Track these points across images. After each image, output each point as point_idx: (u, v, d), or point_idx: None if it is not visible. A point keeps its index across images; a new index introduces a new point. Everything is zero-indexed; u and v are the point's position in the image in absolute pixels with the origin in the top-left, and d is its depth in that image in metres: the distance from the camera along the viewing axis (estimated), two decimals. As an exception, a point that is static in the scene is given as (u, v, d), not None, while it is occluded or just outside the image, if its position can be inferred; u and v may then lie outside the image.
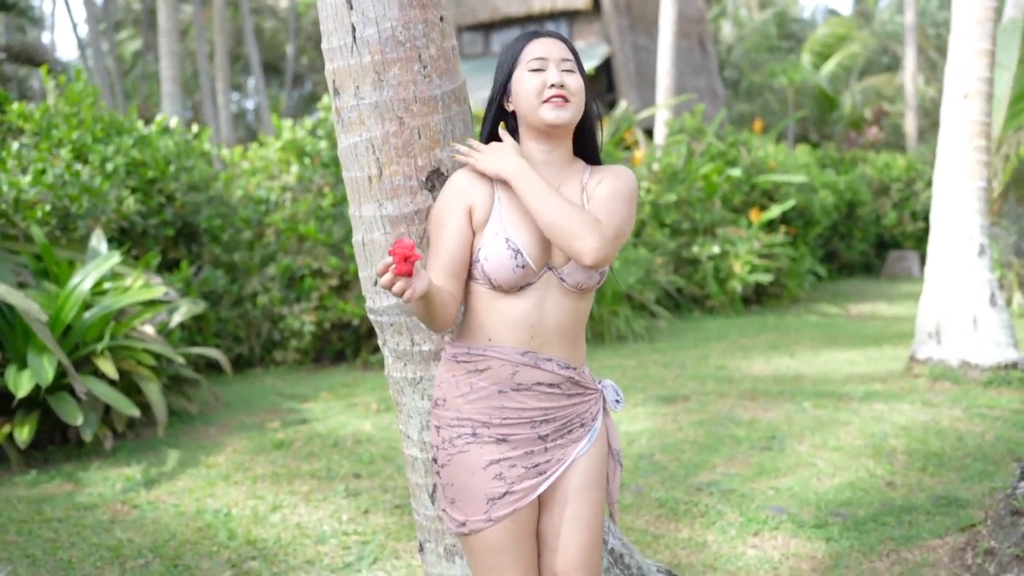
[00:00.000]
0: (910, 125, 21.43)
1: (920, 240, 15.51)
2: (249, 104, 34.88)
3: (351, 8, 1.99)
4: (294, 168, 8.21)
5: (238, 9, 25.43)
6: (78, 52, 28.34)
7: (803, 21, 33.62)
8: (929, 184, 15.40)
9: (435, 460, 2.05)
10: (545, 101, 1.95)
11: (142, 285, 5.57)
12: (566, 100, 1.96)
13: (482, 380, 1.97)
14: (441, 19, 2.05)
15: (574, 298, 2.00)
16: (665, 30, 13.45)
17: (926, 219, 15.16)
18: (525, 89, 1.97)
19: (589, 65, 16.18)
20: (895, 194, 16.05)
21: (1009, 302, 10.17)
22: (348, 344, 7.87)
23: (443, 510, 2.06)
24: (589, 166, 2.09)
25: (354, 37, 2.00)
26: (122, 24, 30.80)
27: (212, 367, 7.27)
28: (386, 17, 1.99)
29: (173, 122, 8.27)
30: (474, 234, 1.97)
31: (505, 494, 1.98)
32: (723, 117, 12.62)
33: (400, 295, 1.73)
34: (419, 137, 2.04)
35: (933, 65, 24.61)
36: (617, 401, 2.12)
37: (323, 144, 8.15)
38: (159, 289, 5.46)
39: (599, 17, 19.24)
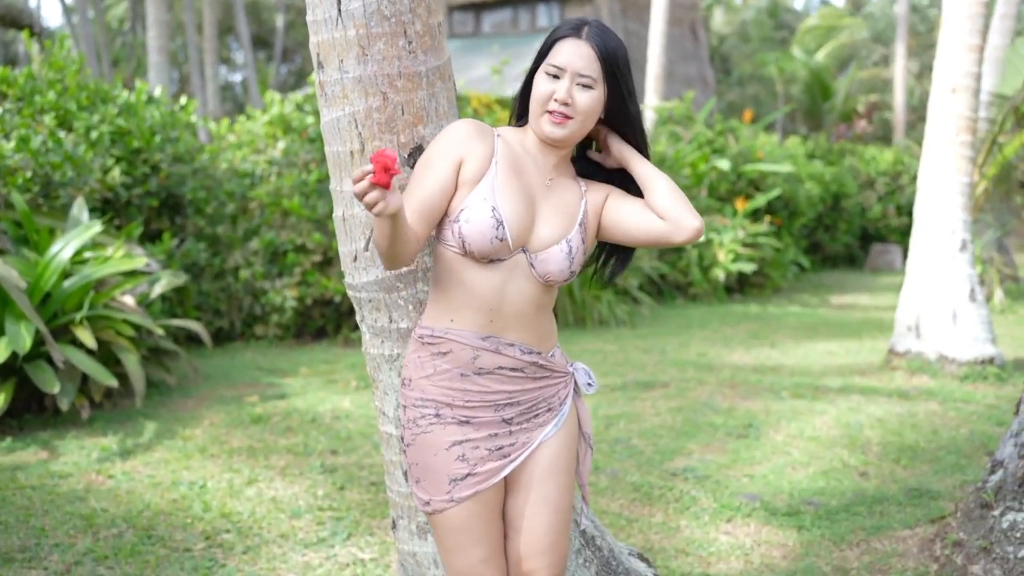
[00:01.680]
0: (898, 119, 21.51)
1: (904, 234, 15.60)
2: (237, 77, 34.55)
3: (337, -20, 1.98)
4: (280, 143, 8.15)
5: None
6: (63, 18, 27.99)
7: (796, 12, 33.59)
8: (915, 178, 15.47)
9: (402, 439, 2.05)
10: (548, 112, 1.94)
11: (123, 255, 5.52)
12: (567, 118, 1.93)
13: (445, 362, 1.96)
14: (428, -6, 2.03)
15: (538, 288, 1.98)
16: (657, 16, 13.41)
17: (911, 213, 15.20)
18: (536, 92, 1.95)
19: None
20: (881, 187, 16.12)
21: (990, 298, 10.25)
22: (329, 321, 7.85)
23: (411, 488, 2.06)
24: (581, 178, 2.09)
25: (339, 10, 1.98)
26: (110, -9, 30.39)
27: (192, 340, 7.24)
28: (372, -10, 1.97)
29: (157, 91, 8.18)
30: (456, 189, 1.94)
31: (467, 475, 1.97)
32: (712, 105, 12.60)
33: (371, 206, 1.65)
34: (402, 113, 2.03)
35: (923, 60, 24.68)
36: (589, 384, 2.11)
37: (310, 119, 8.09)
38: (140, 260, 5.42)
39: (591, 1, 19.16)
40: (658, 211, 1.98)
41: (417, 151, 2.05)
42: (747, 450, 4.64)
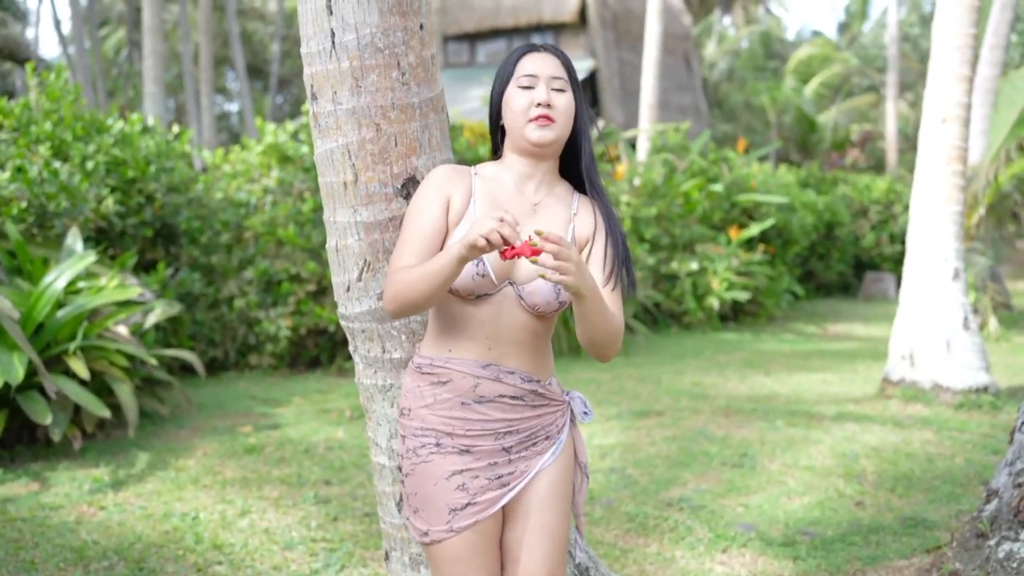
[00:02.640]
0: (890, 148, 21.67)
1: (897, 262, 15.65)
2: (233, 107, 34.73)
3: (331, 13, 1.99)
4: (275, 172, 8.18)
5: (224, 11, 25.35)
6: (60, 49, 28.16)
7: (787, 42, 33.93)
8: (907, 207, 15.55)
9: (400, 469, 2.05)
10: (531, 120, 1.95)
11: (117, 285, 5.52)
12: (551, 120, 1.95)
13: (445, 392, 1.97)
14: (421, 27, 2.05)
15: (533, 316, 1.98)
16: (650, 46, 13.54)
17: (904, 241, 15.30)
18: (513, 107, 1.97)
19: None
20: (874, 216, 16.20)
21: (983, 326, 10.28)
22: (324, 350, 7.83)
23: (407, 519, 2.05)
24: (576, 191, 2.09)
25: (333, 42, 2.00)
26: (107, 22, 30.62)
27: (185, 369, 7.21)
28: (366, 23, 1.99)
29: (151, 121, 8.22)
30: (448, 229, 1.96)
31: (467, 505, 1.97)
32: (708, 135, 12.69)
33: (482, 248, 1.72)
34: (395, 144, 2.04)
35: (916, 90, 24.90)
36: (585, 413, 2.11)
37: (305, 149, 8.13)
38: (134, 290, 5.41)
39: (585, 31, 19.34)
40: (581, 339, 1.95)
41: (410, 182, 2.06)
42: (742, 479, 4.62)
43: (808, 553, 3.66)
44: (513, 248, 1.69)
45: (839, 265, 15.60)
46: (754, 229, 11.12)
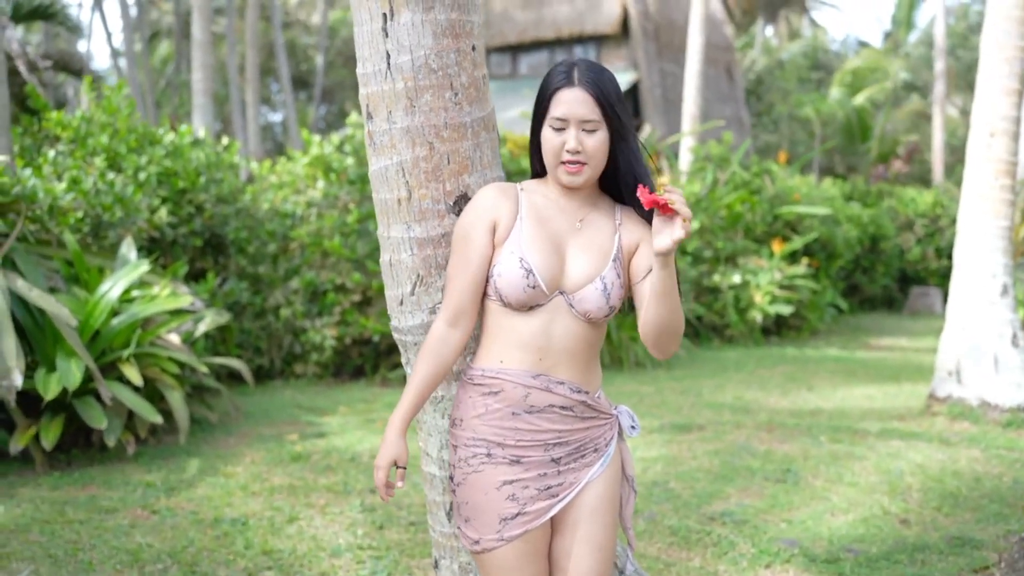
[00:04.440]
0: (936, 161, 21.37)
1: (944, 277, 15.40)
2: (277, 117, 35.28)
3: (386, 36, 2.06)
4: (320, 183, 8.32)
5: (270, 23, 25.79)
6: (111, 61, 28.81)
7: (832, 52, 33.63)
8: (954, 221, 15.31)
9: (451, 478, 2.10)
10: (562, 162, 2.01)
11: (169, 294, 5.66)
12: (582, 164, 2.00)
13: (496, 402, 2.02)
14: (473, 48, 2.11)
15: (583, 325, 2.04)
16: (692, 57, 13.53)
17: (950, 256, 15.06)
18: (546, 147, 2.02)
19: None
20: (920, 229, 15.98)
21: (1032, 342, 10.07)
22: (368, 360, 7.93)
23: (458, 527, 2.10)
24: (617, 203, 2.14)
25: (388, 64, 2.07)
26: (157, 34, 31.30)
27: (233, 377, 7.35)
28: (420, 45, 2.06)
29: (201, 133, 8.41)
30: (494, 249, 2.03)
31: (517, 515, 2.02)
32: (748, 146, 12.63)
33: None
34: (448, 162, 2.10)
35: (964, 100, 24.56)
36: (632, 427, 2.15)
37: (350, 160, 8.26)
38: (186, 298, 5.55)
39: (627, 42, 19.37)
40: (647, 326, 2.01)
41: (462, 199, 2.12)
42: (785, 495, 4.61)
43: (852, 570, 3.65)
44: (649, 199, 1.88)
45: (884, 279, 15.41)
46: (797, 242, 11.04)
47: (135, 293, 5.62)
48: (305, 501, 4.46)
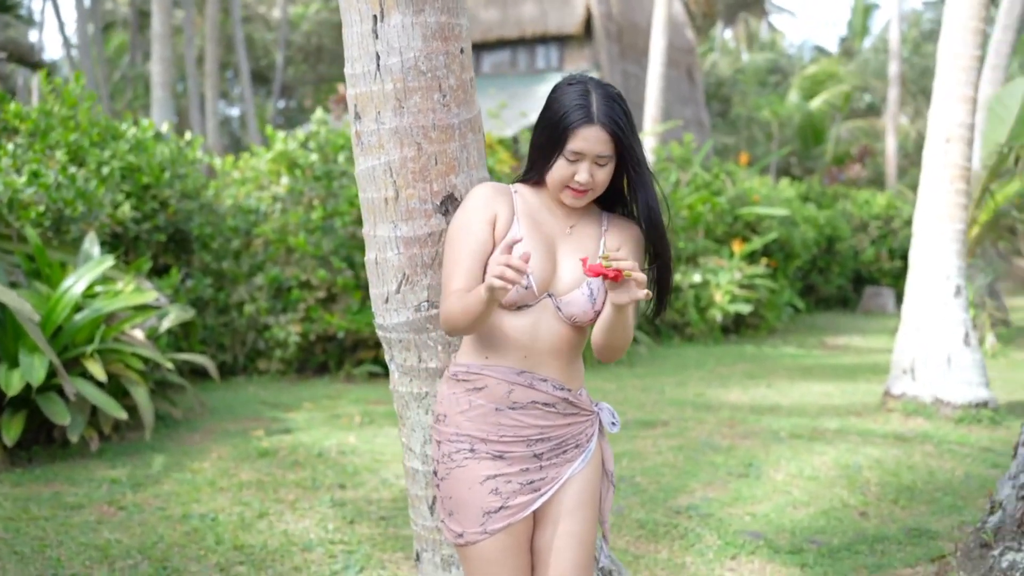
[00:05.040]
0: (890, 164, 21.82)
1: (896, 277, 15.74)
2: (234, 112, 34.86)
3: (376, 37, 2.09)
4: (284, 179, 8.28)
5: (228, 16, 25.49)
6: (63, 51, 28.26)
7: (789, 57, 34.15)
8: (907, 222, 15.66)
9: (435, 473, 2.14)
10: (567, 187, 2.05)
11: (133, 290, 5.61)
12: (586, 192, 2.06)
13: (480, 398, 2.06)
14: (461, 51, 2.15)
15: (568, 328, 2.09)
16: (655, 59, 13.66)
17: (903, 257, 15.40)
18: (554, 174, 2.05)
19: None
20: (874, 231, 16.31)
21: (982, 342, 10.37)
22: (332, 356, 7.92)
23: (442, 521, 2.14)
24: (604, 211, 2.20)
25: (378, 65, 2.10)
26: (111, 24, 30.75)
27: (195, 373, 7.29)
28: (410, 47, 2.09)
29: (164, 127, 8.32)
30: (494, 244, 2.06)
31: (500, 508, 2.06)
32: (709, 148, 12.81)
33: (502, 285, 1.82)
34: (436, 163, 2.14)
35: (915, 106, 25.10)
36: (613, 424, 2.21)
37: (314, 157, 8.22)
38: (150, 294, 5.51)
39: (590, 43, 19.48)
40: (595, 336, 2.09)
41: (449, 199, 2.16)
42: (748, 489, 4.71)
43: (815, 561, 3.75)
44: (597, 270, 1.87)
45: (839, 279, 15.70)
46: (757, 243, 11.23)
47: (99, 289, 5.56)
48: (274, 497, 4.46)
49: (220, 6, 21.46)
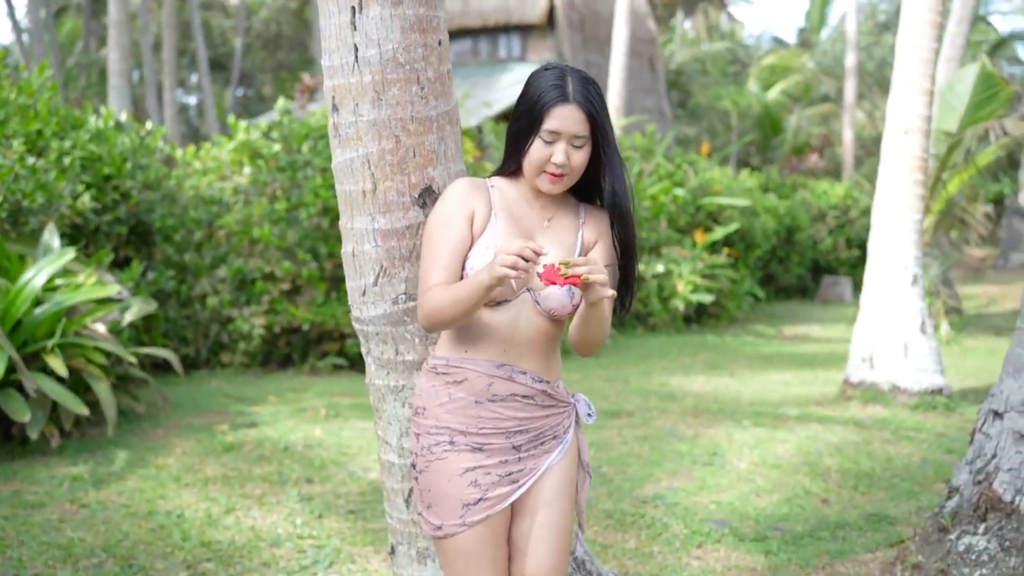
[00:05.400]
0: (847, 154, 22.14)
1: (854, 266, 15.99)
2: (191, 100, 34.32)
3: (355, 29, 2.08)
4: (247, 170, 8.18)
5: (185, 2, 25.07)
6: (13, 36, 27.61)
7: (749, 48, 34.45)
8: (864, 212, 15.89)
9: (414, 466, 2.14)
10: (544, 172, 2.05)
11: (94, 283, 5.51)
12: (563, 176, 2.06)
13: (460, 391, 2.07)
14: (439, 43, 2.15)
15: (547, 320, 2.10)
16: (618, 50, 13.72)
17: (860, 246, 15.65)
18: (531, 158, 2.05)
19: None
20: (832, 221, 16.54)
21: (936, 330, 10.60)
22: (296, 349, 7.86)
23: (419, 514, 2.15)
24: (582, 203, 2.21)
25: (356, 57, 2.09)
26: (64, 11, 30.08)
27: (157, 367, 7.20)
28: (388, 39, 2.08)
29: (123, 116, 8.17)
30: (472, 241, 2.06)
31: (479, 500, 2.07)
32: (672, 138, 12.88)
33: (507, 275, 1.86)
34: (414, 155, 2.14)
35: (871, 97, 25.47)
36: (589, 415, 2.23)
37: (277, 147, 8.13)
38: (112, 287, 5.42)
39: (553, 33, 19.48)
40: (572, 330, 2.10)
41: (427, 192, 2.16)
42: (713, 477, 4.78)
43: (779, 548, 3.82)
44: (551, 278, 1.88)
45: (798, 268, 15.91)
46: (719, 233, 11.34)
47: (59, 282, 5.46)
48: (241, 492, 4.42)
49: (176, -8, 21.12)
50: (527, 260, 1.84)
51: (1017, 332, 3.51)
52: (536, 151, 2.05)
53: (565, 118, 2.02)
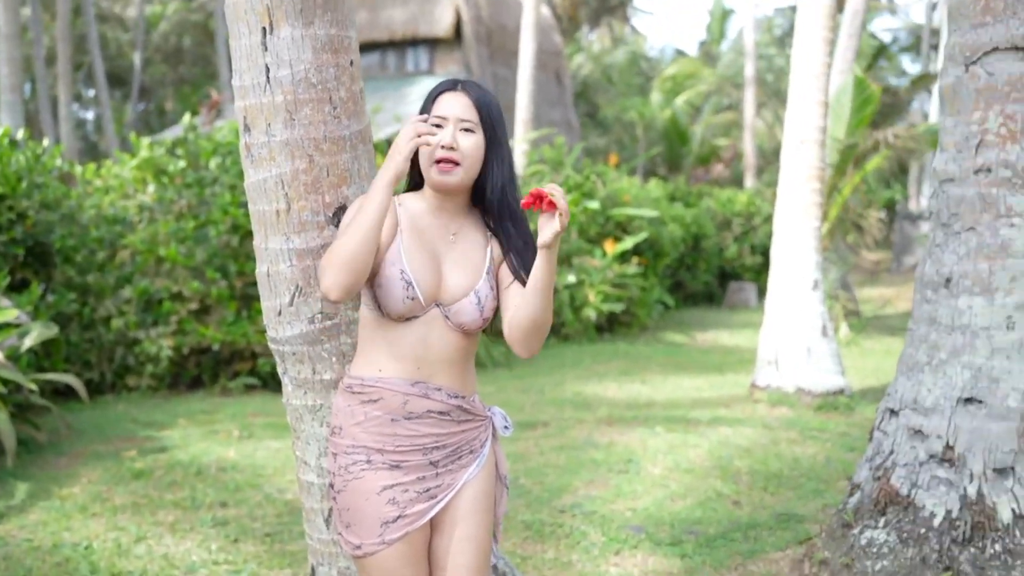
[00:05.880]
0: (748, 163, 22.85)
1: (758, 272, 16.47)
2: (88, 115, 33.20)
3: (266, 50, 2.08)
4: (151, 187, 7.97)
5: (80, 15, 24.26)
6: None
7: (652, 60, 35.25)
8: (766, 219, 16.39)
9: (332, 486, 2.13)
10: (436, 162, 2.06)
11: (-10, 307, 5.29)
12: (455, 164, 2.06)
13: (375, 409, 2.07)
14: (351, 63, 2.16)
15: (459, 335, 2.12)
16: (525, 62, 13.86)
17: (763, 253, 16.14)
18: (423, 148, 2.07)
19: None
20: (736, 228, 17.01)
21: (836, 332, 11.02)
22: (206, 370, 7.68)
23: (339, 533, 2.14)
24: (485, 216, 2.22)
25: (268, 77, 2.09)
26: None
27: (60, 393, 6.94)
28: (300, 60, 2.09)
29: (19, 133, 7.87)
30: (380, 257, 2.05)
31: (398, 518, 2.08)
32: (580, 150, 13.06)
33: (412, 141, 1.96)
34: (327, 175, 2.14)
35: (772, 107, 26.33)
36: (506, 427, 2.26)
37: (183, 164, 7.95)
38: (9, 312, 5.21)
39: (460, 46, 19.57)
40: (520, 323, 2.08)
41: (341, 211, 2.16)
42: (629, 484, 4.87)
43: (694, 551, 3.92)
44: (538, 197, 1.94)
45: (705, 276, 16.30)
46: (628, 242, 11.54)
47: (-49, 306, 5.22)
48: (152, 519, 4.30)
49: (71, 5, 20.43)
50: (427, 130, 1.93)
51: (909, 333, 3.70)
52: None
53: (452, 103, 2.07)
